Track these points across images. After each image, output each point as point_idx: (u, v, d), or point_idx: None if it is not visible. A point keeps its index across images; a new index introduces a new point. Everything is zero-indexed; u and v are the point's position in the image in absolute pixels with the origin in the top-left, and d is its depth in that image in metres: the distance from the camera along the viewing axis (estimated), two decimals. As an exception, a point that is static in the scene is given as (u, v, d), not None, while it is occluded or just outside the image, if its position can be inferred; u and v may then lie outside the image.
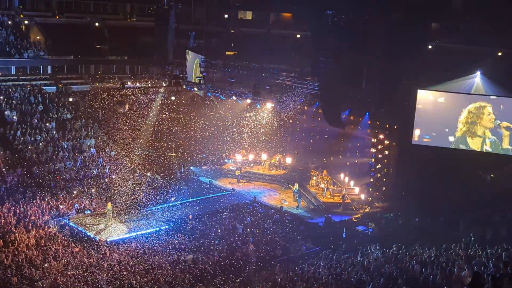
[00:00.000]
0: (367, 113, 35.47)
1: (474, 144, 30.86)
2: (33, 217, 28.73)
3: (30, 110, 39.52)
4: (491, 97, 30.37)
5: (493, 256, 18.86)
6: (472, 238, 23.23)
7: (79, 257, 24.73)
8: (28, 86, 42.12)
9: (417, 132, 31.76)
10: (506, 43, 32.64)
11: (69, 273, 22.69)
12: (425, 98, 31.69)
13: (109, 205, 30.71)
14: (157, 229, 30.05)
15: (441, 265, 18.66)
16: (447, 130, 31.36)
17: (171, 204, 34.26)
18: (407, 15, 32.49)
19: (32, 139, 36.98)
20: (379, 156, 34.82)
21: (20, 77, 43.55)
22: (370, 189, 35.04)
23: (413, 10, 32.79)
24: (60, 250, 24.96)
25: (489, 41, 33.43)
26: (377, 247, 24.66)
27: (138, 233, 29.50)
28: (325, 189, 35.75)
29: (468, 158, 30.75)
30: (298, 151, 42.33)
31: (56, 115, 40.08)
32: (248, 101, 37.58)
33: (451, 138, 31.25)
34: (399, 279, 18.02)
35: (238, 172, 40.24)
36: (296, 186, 36.56)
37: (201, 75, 40.96)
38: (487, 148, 30.59)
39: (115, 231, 29.63)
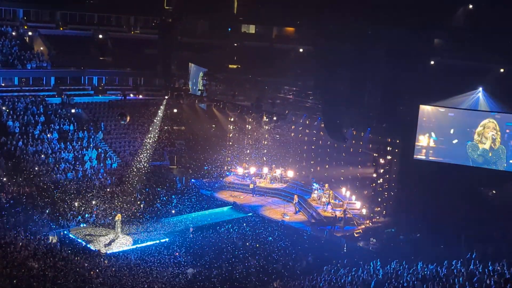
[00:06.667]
0: (369, 128, 35.47)
1: (479, 157, 30.83)
2: (33, 229, 28.63)
3: (32, 121, 39.49)
4: (494, 113, 30.40)
5: (495, 273, 18.72)
6: (474, 254, 23.08)
7: (79, 269, 24.61)
8: (31, 97, 42.09)
9: (424, 142, 31.69)
10: (508, 59, 32.73)
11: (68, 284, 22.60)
12: (432, 113, 31.68)
13: (119, 216, 30.64)
14: (158, 241, 29.99)
15: (442, 282, 18.52)
16: (455, 142, 31.26)
17: (171, 217, 34.23)
18: (409, 31, 32.64)
19: (34, 149, 36.92)
20: (381, 171, 34.71)
21: (23, 88, 43.56)
22: (372, 204, 34.91)
23: (415, 26, 32.94)
24: (59, 262, 24.85)
25: (491, 57, 33.53)
26: (378, 263, 24.51)
27: (138, 245, 29.43)
28: (327, 203, 35.63)
29: (469, 174, 30.69)
30: (300, 165, 42.25)
31: (58, 126, 40.04)
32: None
33: (459, 153, 31.14)
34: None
35: (252, 185, 39.97)
36: (296, 198, 36.54)
37: (203, 88, 41.09)
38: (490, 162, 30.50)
39: (115, 243, 29.57)
